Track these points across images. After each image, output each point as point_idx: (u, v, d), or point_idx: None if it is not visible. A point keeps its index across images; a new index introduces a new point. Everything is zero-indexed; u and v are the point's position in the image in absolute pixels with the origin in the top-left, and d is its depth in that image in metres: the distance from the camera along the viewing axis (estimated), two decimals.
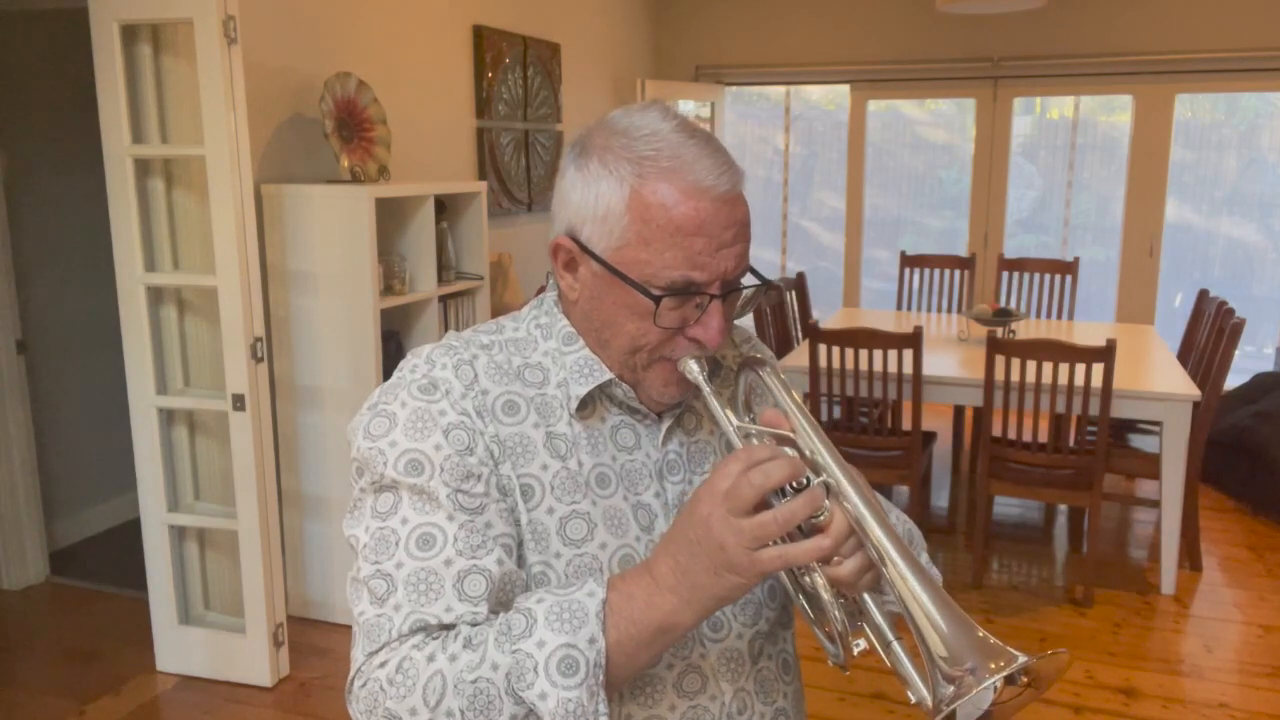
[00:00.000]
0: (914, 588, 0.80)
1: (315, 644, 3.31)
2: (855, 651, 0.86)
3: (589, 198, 0.93)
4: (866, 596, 0.87)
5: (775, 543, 0.82)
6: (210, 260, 2.87)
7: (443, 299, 3.66)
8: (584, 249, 0.95)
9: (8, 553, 3.72)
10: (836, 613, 0.85)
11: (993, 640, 0.77)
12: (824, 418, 4.16)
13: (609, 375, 0.98)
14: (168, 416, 3.06)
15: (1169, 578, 3.68)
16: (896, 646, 0.85)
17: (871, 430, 3.84)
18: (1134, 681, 3.09)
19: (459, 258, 3.84)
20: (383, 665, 0.86)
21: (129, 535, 3.95)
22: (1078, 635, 3.38)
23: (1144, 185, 5.77)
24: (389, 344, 3.46)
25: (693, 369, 0.95)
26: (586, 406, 0.99)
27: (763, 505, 0.82)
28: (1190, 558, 3.90)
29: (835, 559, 0.85)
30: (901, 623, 0.85)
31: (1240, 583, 3.81)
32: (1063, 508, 4.51)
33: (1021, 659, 0.74)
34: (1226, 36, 5.43)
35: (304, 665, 3.17)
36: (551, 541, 0.95)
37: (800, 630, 1.15)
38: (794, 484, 0.83)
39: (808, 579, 0.86)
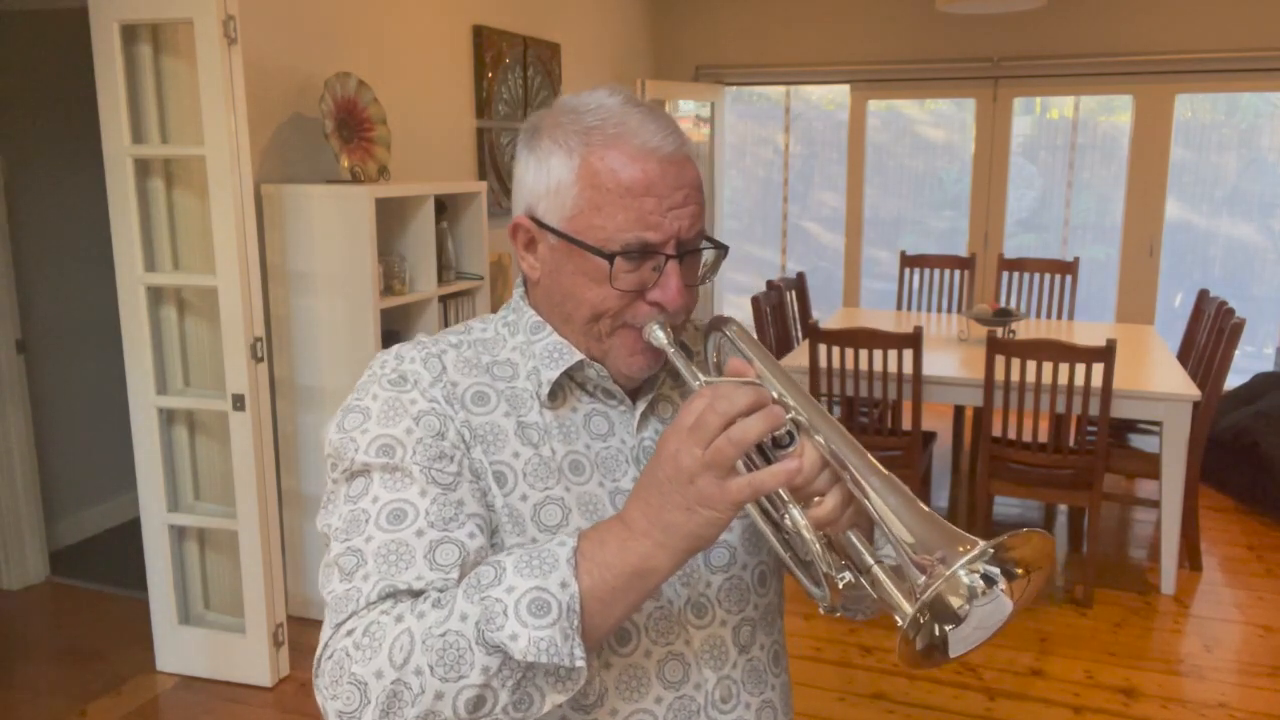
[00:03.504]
0: (882, 491, 0.80)
1: (315, 644, 3.30)
2: (840, 585, 0.84)
3: (541, 174, 0.96)
4: (851, 535, 0.87)
5: (746, 472, 0.82)
6: (210, 260, 2.87)
7: (443, 299, 3.66)
8: (540, 224, 0.97)
9: (8, 553, 3.72)
10: (818, 548, 0.83)
11: (958, 530, 0.76)
12: None
13: (579, 356, 0.99)
14: (168, 416, 3.06)
15: (1169, 578, 3.68)
16: (877, 570, 0.84)
17: (871, 430, 3.84)
18: (1134, 681, 3.09)
19: (459, 258, 3.84)
20: (350, 633, 0.84)
21: (129, 535, 3.95)
22: (1078, 635, 3.38)
23: (1144, 185, 5.77)
24: (389, 344, 3.45)
25: (658, 335, 0.95)
26: (557, 396, 0.99)
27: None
28: (1190, 558, 3.90)
29: (815, 499, 0.84)
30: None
31: (1240, 583, 3.81)
32: (1063, 508, 4.51)
33: (983, 543, 0.74)
34: (1226, 36, 5.43)
35: (304, 665, 3.17)
36: (527, 527, 0.95)
37: (799, 629, 1.14)
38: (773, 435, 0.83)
39: (788, 519, 0.84)
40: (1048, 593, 3.72)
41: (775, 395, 0.87)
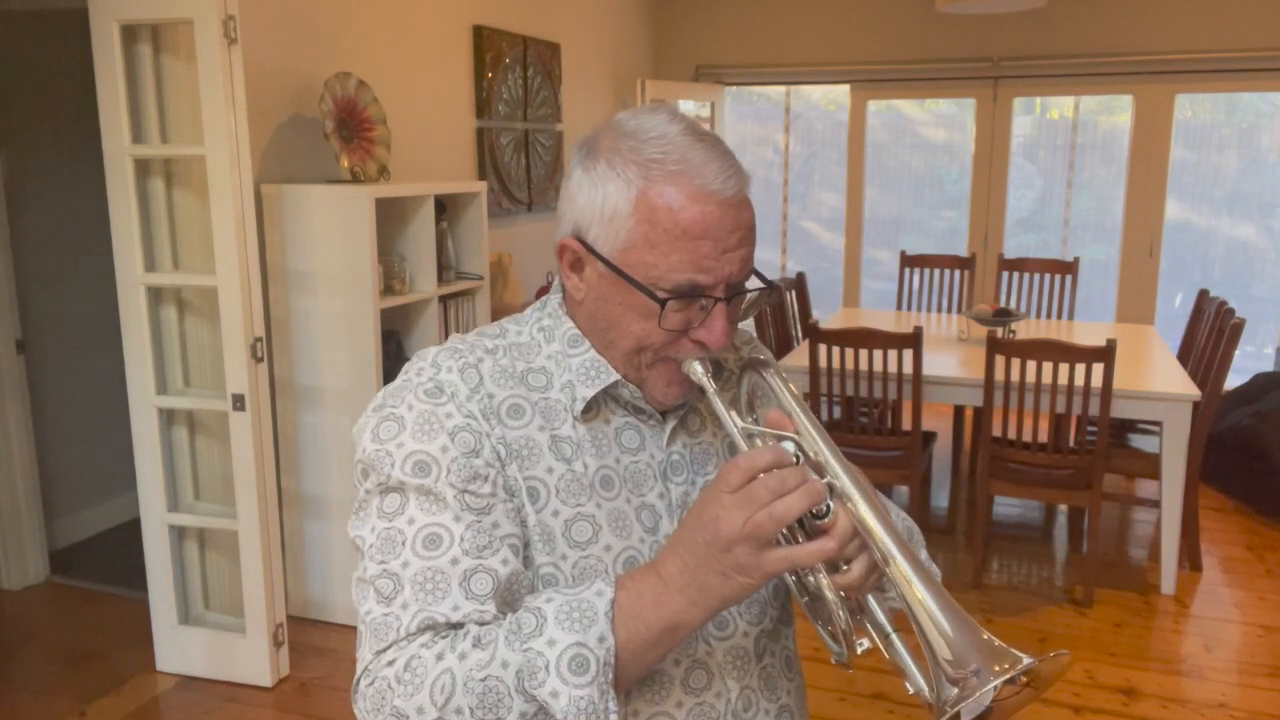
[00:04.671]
0: (918, 590, 0.81)
1: (315, 644, 3.31)
2: (859, 650, 0.87)
3: (596, 199, 0.94)
4: (871, 599, 0.89)
5: (782, 544, 0.83)
6: (210, 260, 2.87)
7: (443, 299, 3.66)
8: (590, 250, 0.96)
9: (8, 553, 3.72)
10: (841, 612, 0.86)
11: (997, 642, 0.77)
12: (824, 418, 4.16)
13: (615, 376, 0.99)
14: (168, 416, 3.06)
15: (1169, 578, 3.68)
16: (896, 640, 0.86)
17: (871, 430, 3.84)
18: (1134, 681, 3.09)
19: (459, 258, 3.84)
20: (390, 664, 0.86)
21: (129, 535, 3.95)
22: (1078, 635, 3.38)
23: (1144, 185, 5.77)
24: (389, 344, 3.46)
25: (697, 370, 0.96)
26: (591, 409, 1.00)
27: None
28: (1190, 558, 3.90)
29: (843, 566, 0.86)
30: (902, 618, 0.87)
31: (1240, 583, 3.81)
32: (1063, 508, 4.51)
33: (1025, 661, 0.75)
34: (1226, 36, 5.43)
35: (304, 665, 3.17)
36: (558, 543, 0.95)
37: (800, 629, 1.15)
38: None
39: (812, 579, 0.87)
40: (1048, 593, 3.72)
41: (812, 454, 0.88)
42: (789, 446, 0.87)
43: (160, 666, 3.13)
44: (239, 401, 2.87)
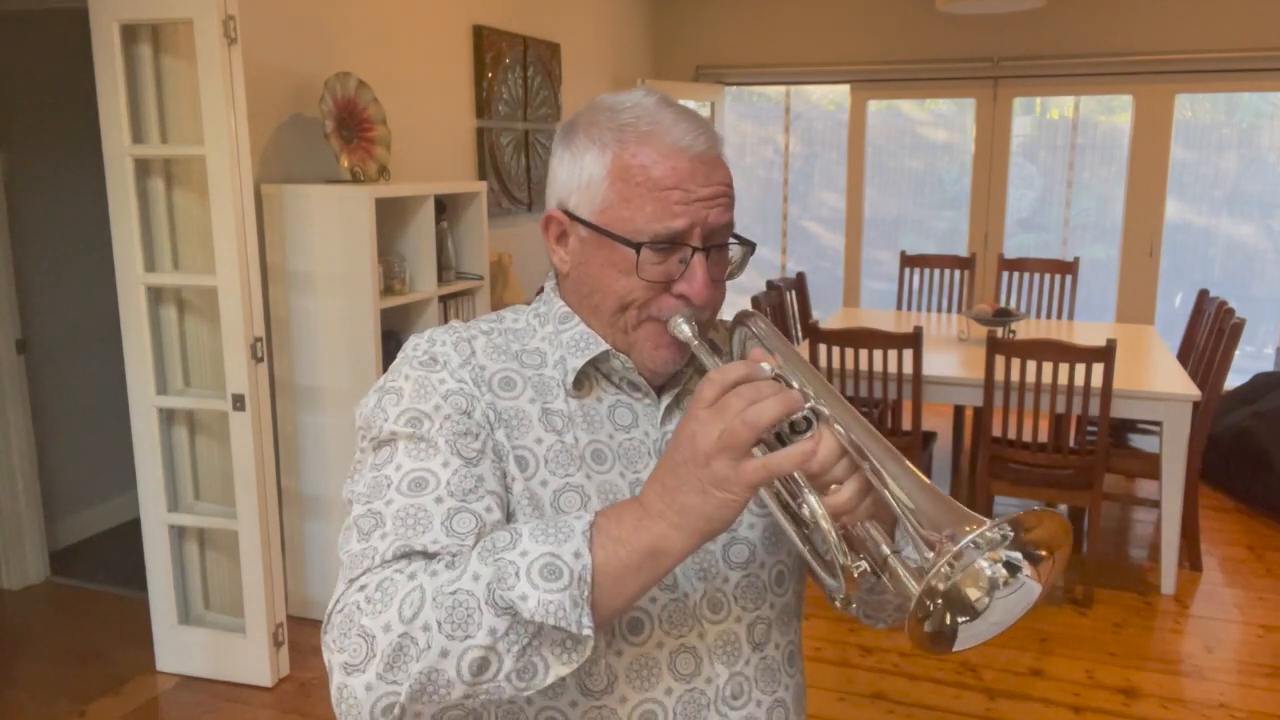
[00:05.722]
0: (895, 471, 0.80)
1: (315, 644, 3.30)
2: (856, 573, 0.83)
3: (575, 170, 0.98)
4: (869, 527, 0.86)
5: (762, 455, 0.81)
6: (210, 260, 2.87)
7: (443, 299, 3.66)
8: (572, 216, 0.99)
9: (8, 553, 3.72)
10: (834, 536, 0.83)
11: (968, 510, 0.76)
12: None
13: (605, 346, 1.00)
14: (168, 416, 3.06)
15: (1169, 578, 3.68)
16: (894, 560, 0.83)
17: None
18: (1134, 681, 3.09)
19: (459, 258, 3.84)
20: (362, 588, 0.84)
21: (129, 535, 3.95)
22: (1078, 635, 3.38)
23: (1144, 185, 5.77)
24: (389, 344, 3.46)
25: (683, 328, 0.97)
26: (582, 385, 1.01)
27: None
28: (1190, 558, 3.90)
29: (833, 487, 0.84)
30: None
31: (1240, 583, 3.81)
32: (1063, 508, 4.51)
33: (990, 521, 0.74)
34: (1226, 36, 5.43)
35: (304, 665, 3.17)
36: (545, 512, 0.96)
37: (805, 629, 1.15)
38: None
39: (806, 508, 0.83)
40: (1048, 593, 3.71)
41: (795, 385, 0.86)
42: (766, 367, 0.85)
43: (160, 666, 3.13)
44: (239, 401, 2.87)
